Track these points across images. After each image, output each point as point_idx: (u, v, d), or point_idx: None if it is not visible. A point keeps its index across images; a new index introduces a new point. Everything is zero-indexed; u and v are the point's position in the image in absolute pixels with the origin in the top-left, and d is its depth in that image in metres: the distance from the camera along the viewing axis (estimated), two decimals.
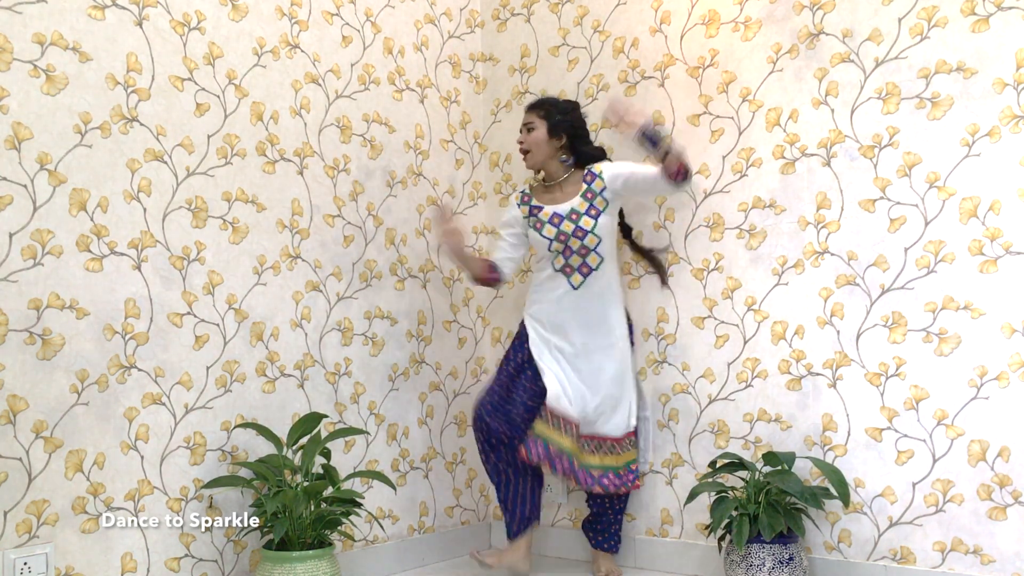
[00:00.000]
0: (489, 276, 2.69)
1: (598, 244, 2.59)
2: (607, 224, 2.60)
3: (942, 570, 2.30)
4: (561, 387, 2.59)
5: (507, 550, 2.67)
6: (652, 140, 2.41)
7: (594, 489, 2.60)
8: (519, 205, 2.71)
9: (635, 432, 2.70)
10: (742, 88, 2.69)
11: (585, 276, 2.60)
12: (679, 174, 2.44)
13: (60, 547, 2.03)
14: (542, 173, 2.73)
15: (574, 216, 2.59)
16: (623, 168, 2.60)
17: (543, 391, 2.60)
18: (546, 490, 3.01)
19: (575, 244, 2.59)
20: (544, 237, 2.62)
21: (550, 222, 2.62)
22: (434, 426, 3.03)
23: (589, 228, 2.57)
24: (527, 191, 2.73)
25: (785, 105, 2.60)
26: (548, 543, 3.03)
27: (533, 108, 2.71)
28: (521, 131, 2.70)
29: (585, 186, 2.62)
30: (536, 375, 2.63)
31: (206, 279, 2.37)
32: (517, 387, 2.64)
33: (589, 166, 2.65)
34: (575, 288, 2.61)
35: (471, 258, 2.72)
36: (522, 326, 2.71)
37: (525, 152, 2.69)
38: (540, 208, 2.66)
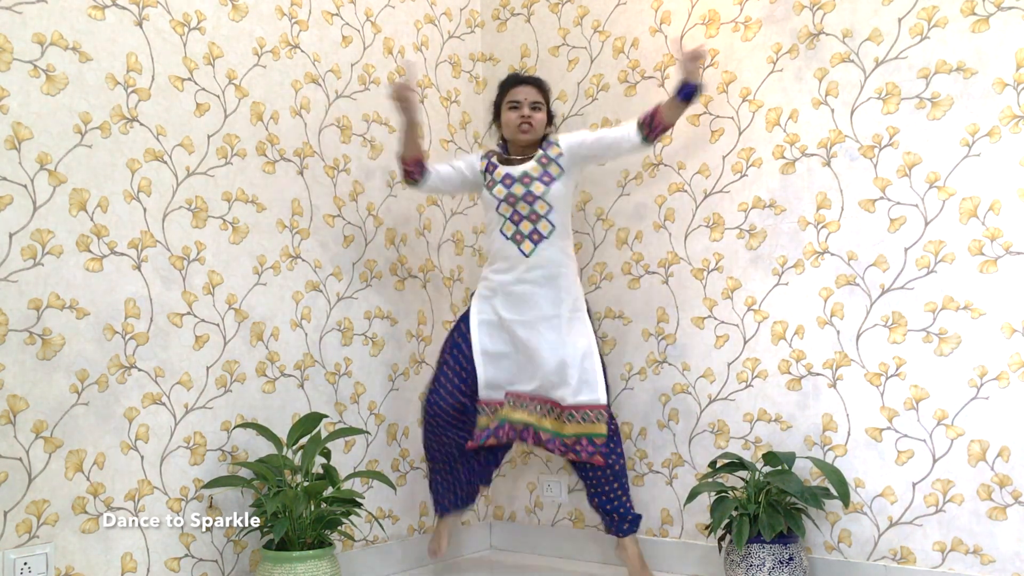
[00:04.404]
0: (412, 165, 2.61)
1: (548, 211, 2.55)
2: (560, 192, 2.56)
3: (942, 570, 2.30)
4: (508, 365, 2.60)
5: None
6: (688, 92, 2.43)
7: (559, 453, 2.55)
8: (481, 159, 2.67)
9: (606, 408, 2.52)
10: (742, 88, 2.69)
11: (536, 243, 2.55)
12: (657, 129, 2.47)
13: (60, 547, 2.03)
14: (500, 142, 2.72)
15: (526, 180, 2.56)
16: (585, 134, 2.60)
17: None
18: (547, 489, 3.01)
19: (524, 209, 2.55)
20: (494, 196, 2.59)
21: (501, 182, 2.59)
22: None
23: (539, 194, 2.54)
24: (491, 155, 2.68)
25: (785, 105, 2.60)
26: (548, 543, 3.03)
27: (538, 87, 2.65)
28: (523, 105, 2.60)
29: (541, 152, 2.60)
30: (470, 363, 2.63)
31: (206, 279, 2.37)
32: (460, 376, 2.64)
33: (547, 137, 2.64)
34: (526, 256, 2.56)
35: (415, 135, 2.59)
36: (465, 314, 2.68)
37: (527, 129, 2.60)
38: (495, 167, 2.63)
